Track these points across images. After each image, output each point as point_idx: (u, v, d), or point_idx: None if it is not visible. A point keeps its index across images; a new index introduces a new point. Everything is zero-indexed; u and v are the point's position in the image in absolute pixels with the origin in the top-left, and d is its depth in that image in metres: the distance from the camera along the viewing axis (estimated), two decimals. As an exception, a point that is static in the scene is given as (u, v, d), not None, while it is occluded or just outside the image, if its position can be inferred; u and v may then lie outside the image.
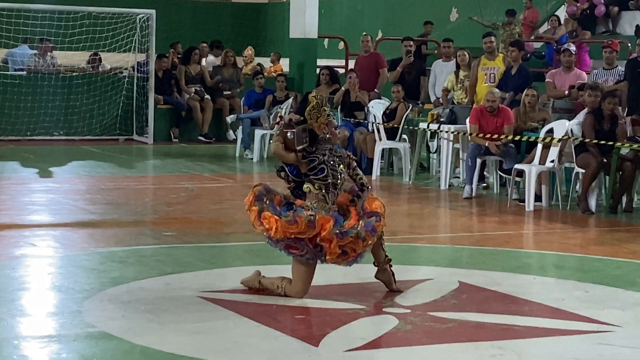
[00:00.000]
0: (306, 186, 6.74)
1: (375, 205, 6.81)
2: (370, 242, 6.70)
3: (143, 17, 19.04)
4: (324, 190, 6.71)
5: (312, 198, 6.72)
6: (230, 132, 18.89)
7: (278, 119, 6.81)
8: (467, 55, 14.21)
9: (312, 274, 6.80)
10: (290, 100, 16.66)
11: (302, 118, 6.78)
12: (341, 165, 6.81)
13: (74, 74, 18.81)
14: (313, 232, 6.58)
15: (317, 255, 6.68)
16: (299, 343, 5.80)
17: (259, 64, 20.88)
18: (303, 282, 6.77)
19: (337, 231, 6.57)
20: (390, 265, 7.08)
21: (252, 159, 16.35)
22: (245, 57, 21.55)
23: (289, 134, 6.66)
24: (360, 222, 6.66)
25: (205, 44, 20.91)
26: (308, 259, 6.70)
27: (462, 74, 14.18)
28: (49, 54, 19.21)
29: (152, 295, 6.85)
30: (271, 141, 6.75)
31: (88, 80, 18.84)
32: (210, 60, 20.36)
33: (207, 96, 18.93)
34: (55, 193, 12.02)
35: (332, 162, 6.74)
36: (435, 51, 15.66)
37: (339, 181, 6.76)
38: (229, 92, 19.08)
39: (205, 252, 8.62)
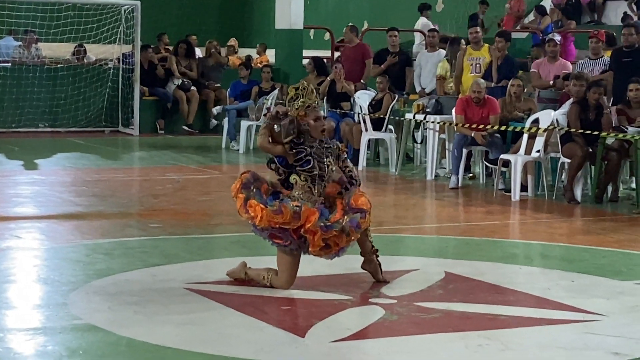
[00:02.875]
0: (293, 177, 6.73)
1: (362, 201, 6.79)
2: (354, 237, 6.70)
3: (128, 8, 18.98)
4: (309, 182, 6.70)
5: (299, 189, 6.71)
6: (213, 120, 18.86)
7: (265, 111, 6.78)
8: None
9: (297, 265, 6.79)
10: (276, 91, 16.65)
11: (288, 110, 6.76)
12: (329, 157, 6.79)
13: (58, 65, 18.75)
14: (298, 223, 6.57)
15: (301, 246, 6.68)
16: (285, 334, 5.80)
17: (248, 56, 20.84)
18: (288, 273, 6.77)
19: (322, 224, 6.56)
20: (377, 256, 7.08)
21: (238, 150, 16.34)
22: (231, 47, 21.49)
23: (275, 127, 6.63)
24: (346, 217, 6.65)
25: (195, 37, 20.85)
26: (292, 249, 6.70)
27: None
28: (33, 45, 19.13)
29: (138, 287, 6.84)
30: (258, 134, 6.70)
31: (73, 72, 18.78)
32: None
33: (193, 88, 18.90)
34: (40, 185, 11.99)
35: (319, 154, 6.73)
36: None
37: (325, 173, 6.75)
38: (213, 83, 19.07)
39: (192, 243, 8.61)
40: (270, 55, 20.95)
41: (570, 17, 19.23)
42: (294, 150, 6.69)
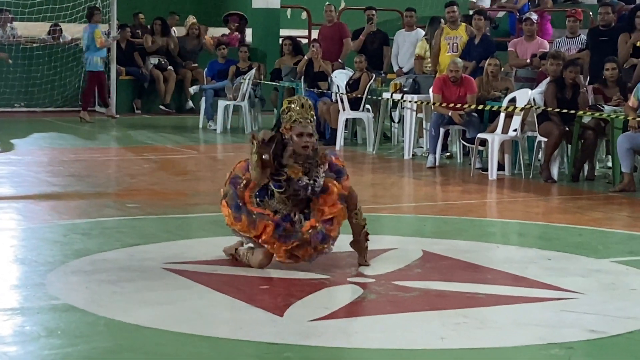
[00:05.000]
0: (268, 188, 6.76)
1: (335, 211, 6.76)
2: (321, 248, 6.71)
3: (103, -13, 18.88)
4: (284, 196, 6.71)
5: (277, 199, 6.73)
6: (190, 102, 18.81)
7: (251, 139, 6.72)
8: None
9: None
10: (253, 70, 16.62)
11: (273, 133, 6.75)
12: (313, 180, 6.67)
13: (34, 45, 18.64)
14: (254, 232, 6.66)
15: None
16: (263, 313, 5.81)
17: (223, 35, 20.76)
18: (264, 254, 6.78)
19: (278, 235, 6.61)
20: (367, 239, 7.04)
21: (215, 130, 16.31)
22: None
23: (264, 157, 6.61)
24: (318, 226, 6.65)
25: (177, 16, 20.73)
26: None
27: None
28: (8, 25, 19.00)
29: (116, 267, 6.83)
30: (251, 169, 6.69)
31: (49, 52, 18.69)
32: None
33: (169, 67, 18.83)
34: (16, 165, 11.93)
35: (299, 183, 6.65)
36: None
37: (300, 195, 6.71)
38: (190, 62, 19.03)
39: (169, 223, 8.60)
40: (247, 34, 20.88)
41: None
42: (278, 171, 6.67)
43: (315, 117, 6.83)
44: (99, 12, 17.54)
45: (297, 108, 6.72)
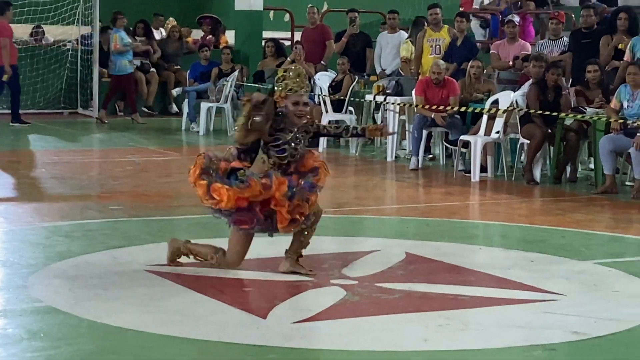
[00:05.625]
0: (261, 157, 6.59)
1: (312, 162, 6.69)
2: (313, 199, 6.60)
3: (87, -12, 18.83)
4: (276, 166, 6.61)
5: (259, 168, 6.59)
6: (173, 105, 18.79)
7: (244, 100, 6.66)
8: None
9: (249, 245, 6.77)
10: (236, 72, 16.61)
11: (267, 97, 6.69)
12: (302, 143, 6.66)
13: (17, 47, 18.55)
14: (268, 193, 6.46)
15: (267, 227, 6.64)
16: (247, 315, 5.80)
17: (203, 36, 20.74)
18: (238, 254, 6.73)
19: (290, 193, 6.47)
20: (297, 260, 6.84)
21: (198, 132, 16.29)
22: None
23: (257, 118, 6.50)
24: (300, 180, 6.57)
25: (161, 17, 20.71)
26: (256, 231, 6.67)
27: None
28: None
29: (99, 270, 6.82)
30: (235, 128, 6.62)
31: (31, 54, 18.62)
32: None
33: (152, 69, 18.80)
34: (-1, 167, 11.90)
35: (294, 144, 6.63)
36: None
37: (292, 159, 6.67)
38: (172, 64, 19.00)
39: (152, 225, 8.59)
40: (230, 36, 20.87)
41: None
42: (273, 137, 6.60)
43: (310, 86, 6.72)
44: (122, 17, 17.64)
45: (293, 76, 6.65)
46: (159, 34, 20.18)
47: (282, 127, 6.61)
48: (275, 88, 6.69)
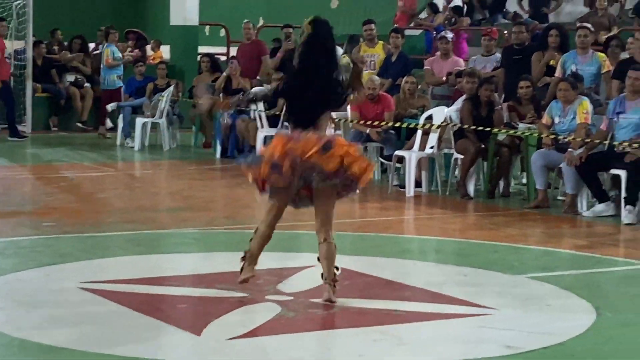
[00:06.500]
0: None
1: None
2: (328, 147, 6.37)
3: (19, 3, 18.64)
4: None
5: None
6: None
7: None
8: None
9: (275, 213, 6.63)
10: (172, 88, 16.55)
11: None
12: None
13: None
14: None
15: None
16: (181, 332, 5.78)
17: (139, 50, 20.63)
18: (262, 222, 6.60)
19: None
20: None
21: (133, 147, 16.19)
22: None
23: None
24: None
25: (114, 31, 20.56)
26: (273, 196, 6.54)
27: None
28: None
29: (31, 287, 6.74)
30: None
31: (-38, 68, 18.34)
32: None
33: (86, 84, 18.66)
34: None
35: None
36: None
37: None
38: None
39: (86, 242, 8.51)
40: (165, 51, 20.79)
41: (463, 15, 19.48)
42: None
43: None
44: (114, 32, 17.56)
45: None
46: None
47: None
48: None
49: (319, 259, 6.57)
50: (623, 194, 10.13)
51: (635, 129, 10.29)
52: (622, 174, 10.15)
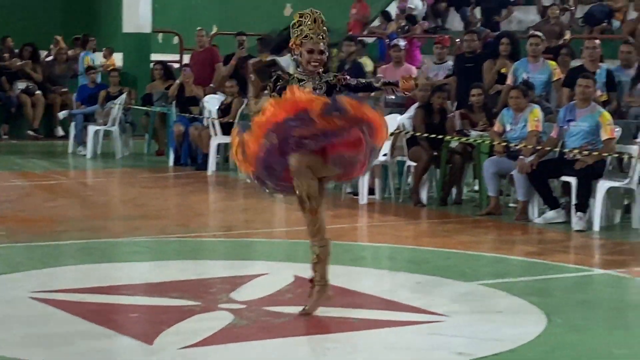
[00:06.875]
0: None
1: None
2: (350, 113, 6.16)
3: (-31, 11, 18.48)
4: None
5: None
6: (59, 128, 18.54)
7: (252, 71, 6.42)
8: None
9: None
10: (124, 95, 16.47)
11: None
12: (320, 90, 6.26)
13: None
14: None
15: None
16: (133, 342, 5.75)
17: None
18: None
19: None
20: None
21: (85, 155, 16.08)
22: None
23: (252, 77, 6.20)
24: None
25: (59, 37, 20.43)
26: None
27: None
28: None
29: (-19, 297, 6.68)
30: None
31: None
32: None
33: (38, 92, 18.53)
34: None
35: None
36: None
37: None
38: (59, 87, 18.77)
39: (37, 251, 8.44)
40: (118, 59, 20.68)
41: (415, 23, 19.57)
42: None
43: (327, 34, 6.36)
44: (92, 39, 17.51)
45: (309, 23, 6.36)
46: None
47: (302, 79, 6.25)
48: (291, 34, 6.34)
49: (315, 263, 6.47)
50: (573, 200, 10.23)
51: (585, 137, 10.39)
52: (573, 181, 10.25)
